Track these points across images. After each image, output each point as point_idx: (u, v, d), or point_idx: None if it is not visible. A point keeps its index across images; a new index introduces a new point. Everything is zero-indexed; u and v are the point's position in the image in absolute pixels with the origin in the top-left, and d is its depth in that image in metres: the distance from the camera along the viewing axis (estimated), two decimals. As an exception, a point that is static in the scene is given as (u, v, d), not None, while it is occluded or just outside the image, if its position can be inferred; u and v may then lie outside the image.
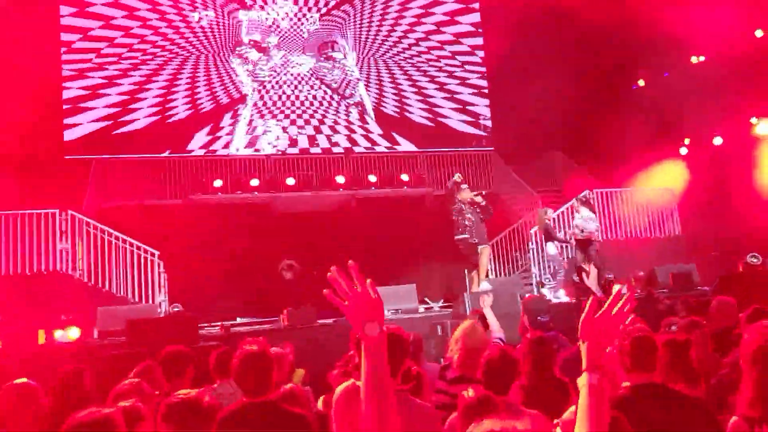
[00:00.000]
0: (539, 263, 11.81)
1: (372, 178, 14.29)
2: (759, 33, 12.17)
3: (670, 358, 3.00)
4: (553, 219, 12.22)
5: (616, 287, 9.90)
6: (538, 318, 5.05)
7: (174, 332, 7.54)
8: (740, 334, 4.12)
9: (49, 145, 12.56)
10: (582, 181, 14.23)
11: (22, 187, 11.11)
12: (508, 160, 15.25)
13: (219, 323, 9.56)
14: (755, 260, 9.88)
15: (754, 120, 12.78)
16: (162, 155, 13.77)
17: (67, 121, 13.36)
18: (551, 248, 11.07)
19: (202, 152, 14.13)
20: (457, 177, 9.76)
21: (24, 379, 3.23)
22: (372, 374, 1.69)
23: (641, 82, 14.72)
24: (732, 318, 5.25)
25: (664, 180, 13.20)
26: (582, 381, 1.74)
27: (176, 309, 10.11)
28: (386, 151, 15.23)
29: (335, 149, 14.95)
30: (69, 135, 13.33)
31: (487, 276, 9.69)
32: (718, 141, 13.39)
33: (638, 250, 12.11)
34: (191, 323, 8.23)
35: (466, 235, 9.35)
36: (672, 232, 12.90)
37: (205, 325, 9.58)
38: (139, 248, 10.89)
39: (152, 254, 10.89)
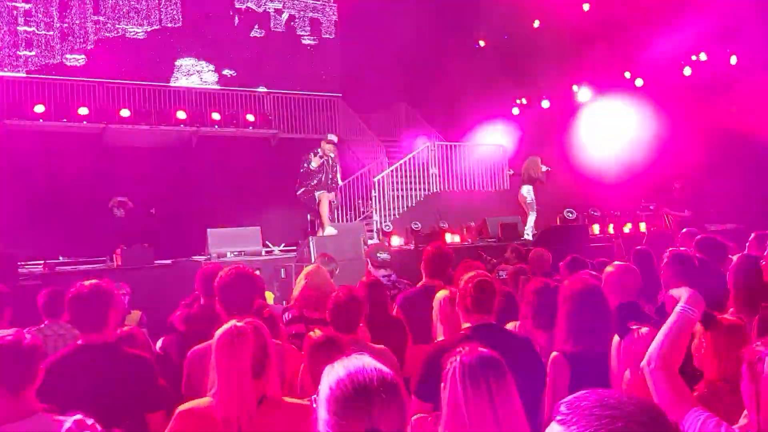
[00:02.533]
0: (380, 210, 12.20)
1: (216, 116, 13.72)
2: (586, 6, 13.26)
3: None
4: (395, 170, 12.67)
5: None
6: (377, 255, 5.22)
7: (-11, 270, 6.83)
8: (560, 280, 4.63)
9: None
10: (424, 133, 14.82)
11: None
12: (355, 107, 15.39)
13: (41, 261, 8.82)
14: (570, 215, 11.01)
15: (575, 87, 14.03)
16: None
17: None
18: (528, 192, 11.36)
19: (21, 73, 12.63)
20: (334, 137, 9.86)
21: None
22: None
23: (482, 43, 15.46)
24: (546, 266, 5.86)
25: (498, 137, 14.12)
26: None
27: (-11, 244, 9.13)
28: (231, 88, 14.66)
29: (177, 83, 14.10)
30: None
31: (332, 222, 9.86)
32: (546, 104, 14.56)
33: (471, 201, 12.92)
34: (9, 260, 7.50)
35: (303, 188, 9.47)
36: (502, 186, 13.90)
37: (24, 263, 8.79)
38: (-58, 176, 9.62)
39: (-40, 184, 9.69)
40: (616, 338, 2.36)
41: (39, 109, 12.10)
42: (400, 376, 2.45)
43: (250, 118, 14.02)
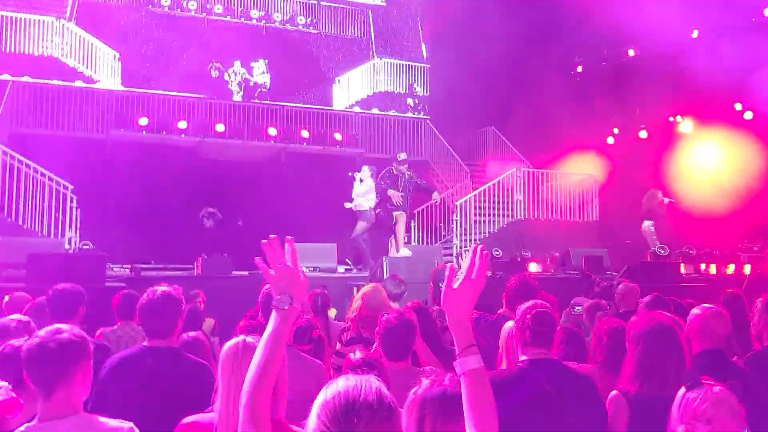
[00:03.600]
0: (461, 235, 12.01)
1: (304, 134, 14.04)
2: (695, 34, 12.61)
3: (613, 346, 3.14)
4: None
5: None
6: (439, 285, 5.10)
7: (79, 270, 7.20)
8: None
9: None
10: (511, 158, 14.53)
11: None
12: (442, 130, 15.32)
13: (129, 265, 9.24)
14: (662, 252, 10.39)
15: (678, 118, 13.33)
16: (85, 85, 13.03)
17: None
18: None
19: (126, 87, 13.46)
20: (404, 156, 9.99)
21: None
22: (272, 339, 1.75)
23: (579, 69, 15.04)
24: (634, 302, 5.52)
25: (589, 166, 13.62)
26: (459, 370, 1.64)
27: (86, 246, 9.69)
28: (321, 107, 14.99)
29: (269, 100, 14.58)
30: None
31: (406, 243, 9.81)
32: (643, 135, 13.91)
33: (556, 231, 12.49)
34: (99, 262, 7.89)
35: (380, 208, 9.58)
36: (590, 217, 13.37)
37: (115, 266, 9.23)
38: (51, 180, 10.32)
39: (65, 187, 10.35)
40: (682, 390, 2.13)
41: (143, 121, 12.83)
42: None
43: (338, 137, 14.26)
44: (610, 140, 14.44)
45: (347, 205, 10.48)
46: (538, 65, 13.96)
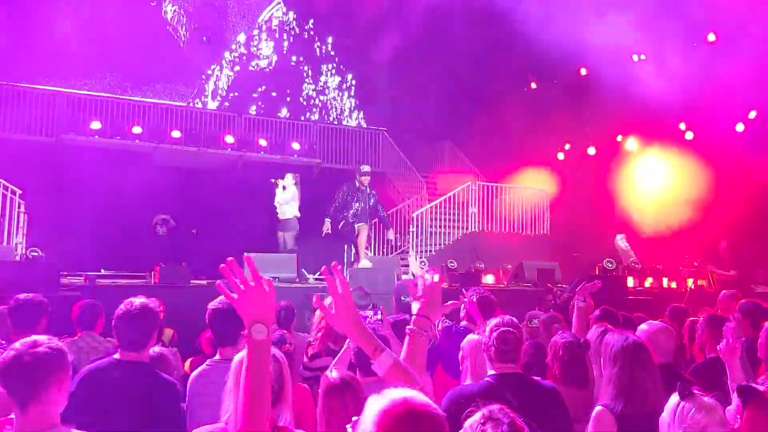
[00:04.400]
0: (417, 246, 12.18)
1: (262, 142, 13.99)
2: (641, 57, 13.17)
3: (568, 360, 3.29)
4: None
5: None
6: (401, 298, 5.28)
7: (31, 279, 7.02)
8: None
9: None
10: (466, 171, 14.81)
11: None
12: (399, 142, 15.51)
13: (82, 273, 9.03)
14: (610, 265, 10.78)
15: (620, 137, 13.87)
16: (37, 86, 12.68)
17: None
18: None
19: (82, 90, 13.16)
20: (367, 168, 10.17)
21: None
22: (254, 372, 1.69)
23: (533, 86, 15.47)
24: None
25: (541, 181, 14.02)
26: (381, 371, 1.89)
27: (34, 254, 9.40)
28: (280, 117, 14.98)
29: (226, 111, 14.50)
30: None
31: (366, 255, 9.90)
32: (592, 151, 14.41)
33: (509, 243, 12.80)
34: (51, 270, 7.72)
35: (343, 221, 9.66)
36: (542, 230, 13.74)
37: (66, 274, 9.01)
38: (-1, 184, 10.01)
39: (13, 192, 10.05)
40: (674, 398, 2.26)
41: (95, 125, 12.55)
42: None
43: (296, 146, 14.26)
44: (561, 156, 14.91)
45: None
46: (494, 81, 14.34)
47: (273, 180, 10.71)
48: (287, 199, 10.46)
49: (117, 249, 10.86)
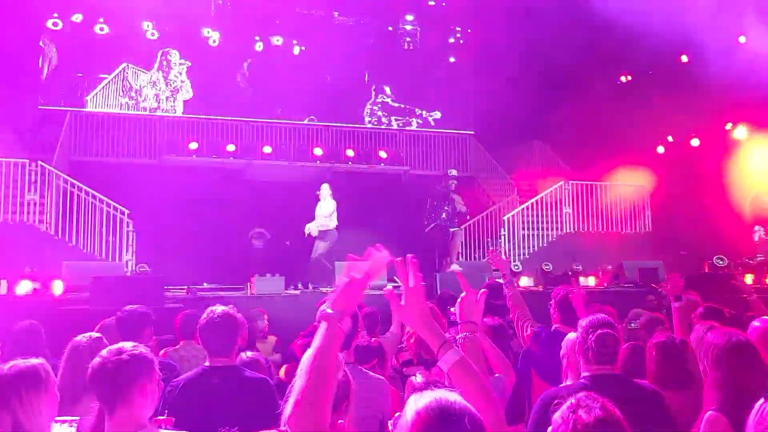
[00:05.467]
0: (510, 250, 11.90)
1: (349, 153, 14.19)
2: (742, 39, 12.29)
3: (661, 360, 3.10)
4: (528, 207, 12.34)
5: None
6: (490, 301, 5.14)
7: (139, 292, 7.44)
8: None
9: (24, 93, 12.25)
10: (558, 171, 14.35)
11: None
12: (486, 145, 15.27)
13: (185, 286, 9.48)
14: (721, 262, 10.08)
15: (729, 125, 12.96)
16: (138, 113, 13.51)
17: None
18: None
19: (179, 112, 13.88)
20: (455, 172, 10.09)
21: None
22: (323, 349, 1.70)
23: (623, 78, 14.79)
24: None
25: (639, 177, 13.35)
26: (445, 367, 1.81)
27: (143, 269, 9.98)
28: (366, 126, 15.14)
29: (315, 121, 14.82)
30: (46, 85, 12.99)
31: (457, 259, 9.79)
32: (695, 142, 13.57)
33: (608, 243, 12.26)
34: (157, 284, 8.15)
35: (433, 224, 9.62)
36: (642, 228, 13.08)
37: (171, 287, 9.49)
38: (109, 205, 10.70)
39: (122, 212, 10.71)
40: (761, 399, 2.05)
41: (193, 146, 13.19)
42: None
43: (383, 154, 14.36)
44: (661, 149, 14.13)
45: (309, 227, 10.47)
46: (584, 75, 13.81)
47: (317, 192, 10.76)
48: (329, 212, 10.51)
49: (217, 263, 11.34)
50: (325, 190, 10.63)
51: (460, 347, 2.00)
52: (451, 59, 16.30)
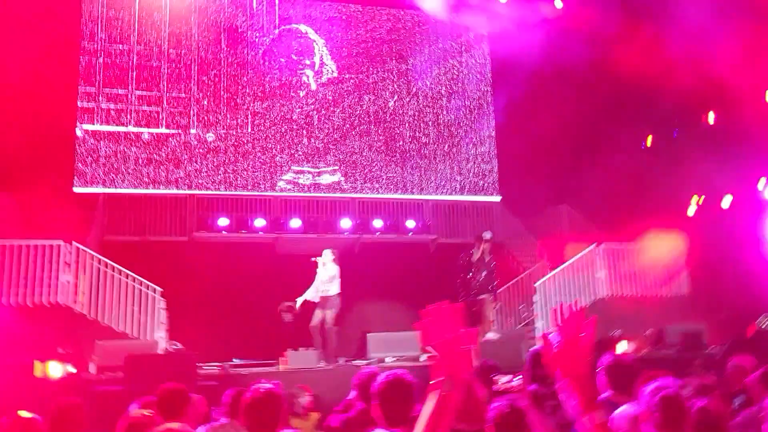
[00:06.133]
0: (545, 316, 11.65)
1: (378, 223, 14.23)
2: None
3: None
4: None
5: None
6: (534, 370, 5.00)
7: (173, 370, 7.37)
8: (751, 398, 3.99)
9: (57, 176, 12.62)
10: (588, 235, 14.16)
11: (27, 216, 11.14)
12: (514, 211, 15.23)
13: (217, 363, 9.38)
14: (765, 324, 9.72)
15: (762, 182, 12.77)
16: (169, 191, 13.76)
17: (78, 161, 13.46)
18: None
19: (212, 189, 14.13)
20: (489, 234, 9.98)
21: (27, 414, 3.10)
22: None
23: (649, 141, 14.77)
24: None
25: (673, 238, 13.10)
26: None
27: (175, 347, 9.93)
28: (392, 196, 15.23)
29: (341, 193, 14.96)
30: (79, 170, 13.39)
31: (492, 327, 9.59)
32: (727, 202, 13.36)
33: (645, 307, 11.94)
34: (190, 361, 8.07)
35: (464, 292, 9.53)
36: (680, 291, 12.75)
37: (202, 364, 9.39)
38: (141, 284, 10.78)
39: (154, 290, 10.77)
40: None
41: (223, 222, 13.35)
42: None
43: (410, 224, 14.38)
44: (693, 209, 13.93)
45: (304, 297, 10.45)
46: (609, 137, 13.83)
47: (313, 259, 10.68)
48: (331, 277, 10.40)
49: (247, 338, 11.26)
50: (327, 256, 10.56)
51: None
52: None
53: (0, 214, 11.49)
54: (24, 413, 3.04)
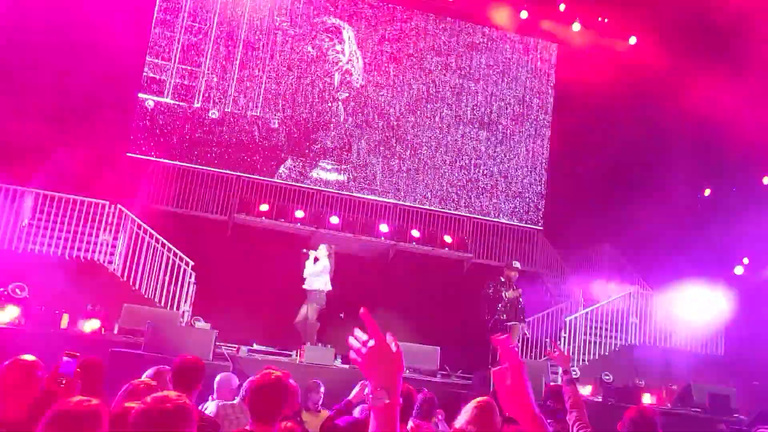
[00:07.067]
0: (569, 353, 11.37)
1: (415, 233, 14.16)
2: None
3: None
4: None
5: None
6: (547, 403, 4.96)
7: (191, 343, 7.45)
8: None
9: (113, 139, 12.96)
10: (626, 278, 13.82)
11: (80, 173, 11.49)
12: (554, 242, 14.97)
13: (235, 345, 9.44)
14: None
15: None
16: (219, 170, 13.97)
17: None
18: None
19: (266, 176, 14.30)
20: (518, 264, 10.20)
21: (30, 357, 3.14)
22: None
23: (707, 192, 14.36)
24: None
25: (714, 296, 12.67)
26: None
27: (198, 321, 10.04)
28: (432, 208, 15.14)
29: (384, 198, 14.95)
30: (135, 137, 13.72)
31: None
32: (776, 266, 12.88)
33: (675, 361, 11.58)
34: (209, 339, 8.14)
35: (493, 319, 9.42)
36: (714, 350, 12.31)
37: (221, 343, 9.47)
38: (175, 255, 10.94)
39: (187, 263, 10.92)
40: None
41: (263, 207, 13.47)
42: None
43: (448, 239, 14.26)
44: (740, 270, 13.46)
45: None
46: (661, 183, 13.49)
47: (304, 250, 10.61)
48: (318, 272, 10.32)
49: (269, 326, 11.30)
50: (322, 250, 10.51)
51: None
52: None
53: (57, 167, 11.87)
54: (27, 357, 3.07)
